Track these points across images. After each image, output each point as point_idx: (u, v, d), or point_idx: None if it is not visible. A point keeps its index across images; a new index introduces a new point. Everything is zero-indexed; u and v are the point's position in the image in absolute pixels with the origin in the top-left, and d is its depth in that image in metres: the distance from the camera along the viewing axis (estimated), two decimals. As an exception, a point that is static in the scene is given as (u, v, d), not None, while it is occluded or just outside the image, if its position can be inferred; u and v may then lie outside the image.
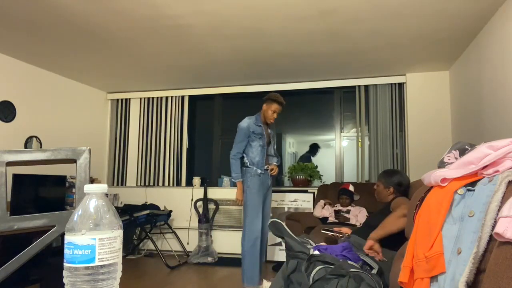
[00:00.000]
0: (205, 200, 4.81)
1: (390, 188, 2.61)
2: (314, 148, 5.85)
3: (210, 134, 5.42)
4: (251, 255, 3.20)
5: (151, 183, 5.30)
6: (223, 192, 4.94)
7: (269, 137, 3.50)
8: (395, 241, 2.00)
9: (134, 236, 5.02)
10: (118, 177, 5.49)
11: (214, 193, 4.93)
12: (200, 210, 4.81)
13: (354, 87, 4.78)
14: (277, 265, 4.08)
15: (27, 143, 4.24)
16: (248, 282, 3.20)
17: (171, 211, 4.82)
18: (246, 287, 3.20)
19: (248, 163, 3.36)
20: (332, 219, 3.71)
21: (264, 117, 3.44)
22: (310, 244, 1.96)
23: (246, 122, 3.39)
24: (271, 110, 3.36)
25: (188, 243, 4.95)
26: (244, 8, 2.94)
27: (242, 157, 3.38)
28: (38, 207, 3.82)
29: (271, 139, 3.54)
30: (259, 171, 3.33)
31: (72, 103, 4.90)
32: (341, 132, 4.97)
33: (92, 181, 4.59)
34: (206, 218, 4.67)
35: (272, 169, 3.46)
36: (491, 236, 0.96)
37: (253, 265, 3.19)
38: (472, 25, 3.22)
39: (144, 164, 5.37)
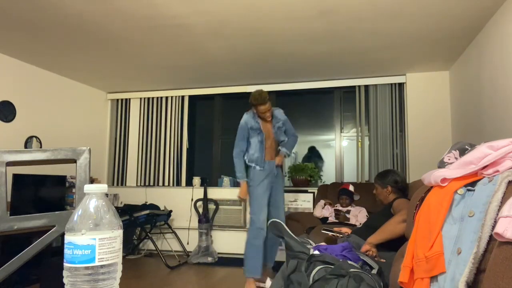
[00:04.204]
0: (205, 200, 4.81)
1: (388, 188, 2.63)
2: (313, 149, 5.87)
3: (210, 134, 5.42)
4: (252, 246, 3.18)
5: (151, 183, 5.30)
6: (223, 192, 4.94)
7: (269, 132, 3.39)
8: (395, 242, 2.01)
9: (134, 236, 5.02)
10: (118, 177, 5.49)
11: (214, 193, 4.93)
12: (200, 210, 4.81)
13: (354, 87, 4.78)
14: (277, 265, 4.08)
15: (27, 143, 4.24)
16: (248, 273, 3.17)
17: (171, 211, 4.82)
18: (247, 279, 3.18)
19: (247, 160, 3.33)
20: (332, 219, 3.71)
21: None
22: (310, 244, 1.96)
23: (243, 119, 3.35)
24: (260, 113, 3.29)
25: (188, 243, 4.95)
26: (244, 8, 2.94)
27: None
28: (38, 207, 3.82)
29: (273, 132, 3.41)
30: (258, 168, 3.29)
31: (72, 103, 4.90)
32: (341, 132, 4.97)
33: (92, 181, 4.59)
34: (206, 218, 4.67)
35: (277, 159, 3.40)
36: (491, 236, 0.96)
37: (253, 257, 3.16)
38: (472, 25, 3.22)
39: (144, 164, 5.37)
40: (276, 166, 3.41)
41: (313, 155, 5.65)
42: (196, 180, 5.09)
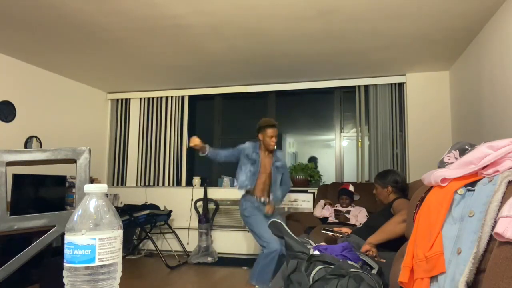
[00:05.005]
0: (205, 200, 4.81)
1: (388, 188, 2.63)
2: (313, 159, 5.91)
3: (210, 134, 5.41)
4: (268, 261, 3.02)
5: (151, 183, 5.30)
6: (223, 192, 4.94)
7: (265, 168, 3.34)
8: (395, 242, 2.01)
9: (134, 236, 5.02)
10: (118, 177, 5.49)
11: (214, 193, 4.93)
12: (200, 210, 4.81)
13: (354, 87, 4.78)
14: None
15: (27, 143, 4.24)
16: (256, 282, 3.05)
17: (171, 211, 4.82)
18: (249, 284, 3.09)
19: (239, 186, 3.32)
20: (332, 219, 3.71)
21: (264, 146, 3.32)
22: (310, 244, 1.96)
23: (244, 144, 3.37)
24: (268, 137, 3.25)
25: (188, 243, 4.95)
26: (244, 8, 2.94)
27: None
28: (38, 207, 3.82)
29: (272, 170, 3.34)
30: (248, 198, 3.26)
31: (72, 103, 4.90)
32: (341, 132, 4.97)
33: (92, 181, 4.58)
34: (206, 218, 4.67)
35: (268, 202, 3.32)
36: (491, 236, 0.96)
37: (265, 270, 3.02)
38: (472, 25, 3.22)
39: (144, 164, 5.37)
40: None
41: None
42: (196, 180, 5.09)
